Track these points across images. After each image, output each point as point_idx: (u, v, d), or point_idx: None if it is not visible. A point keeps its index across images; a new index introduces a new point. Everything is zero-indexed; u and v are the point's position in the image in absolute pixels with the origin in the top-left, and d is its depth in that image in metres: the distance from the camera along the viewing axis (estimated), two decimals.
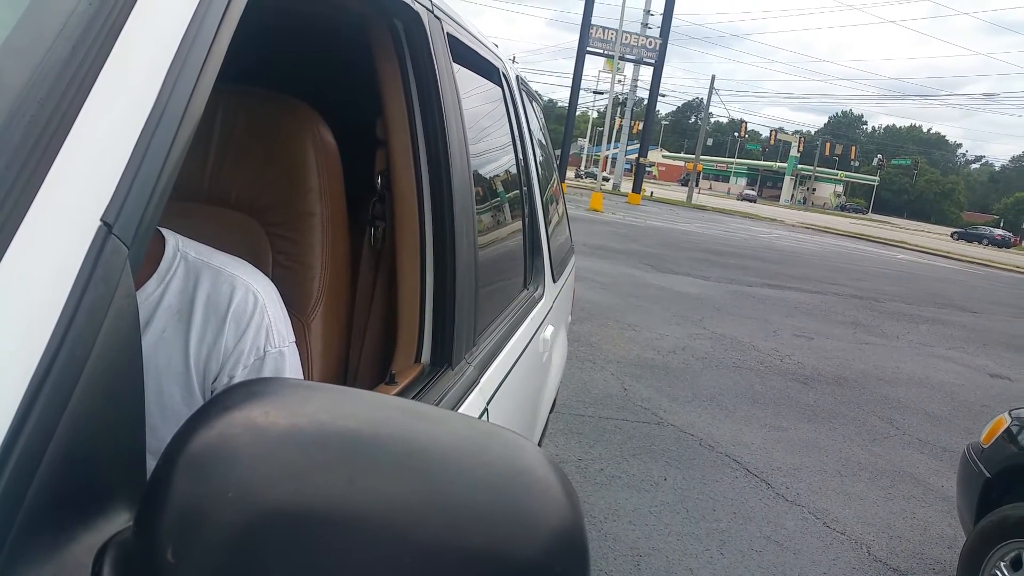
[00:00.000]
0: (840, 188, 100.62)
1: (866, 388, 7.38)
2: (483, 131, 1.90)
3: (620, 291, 10.77)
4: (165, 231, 1.15)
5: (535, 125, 2.79)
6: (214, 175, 1.37)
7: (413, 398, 1.14)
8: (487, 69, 2.01)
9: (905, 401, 7.11)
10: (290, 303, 1.39)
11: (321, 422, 0.52)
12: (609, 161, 61.74)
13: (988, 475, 3.30)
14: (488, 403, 1.39)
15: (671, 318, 9.35)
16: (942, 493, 4.89)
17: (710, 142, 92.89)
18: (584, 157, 70.65)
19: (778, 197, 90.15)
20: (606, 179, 53.72)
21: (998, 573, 3.06)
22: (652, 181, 78.66)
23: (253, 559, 0.47)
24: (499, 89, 2.13)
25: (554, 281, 2.48)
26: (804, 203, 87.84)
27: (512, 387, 1.67)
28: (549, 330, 2.24)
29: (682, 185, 67.85)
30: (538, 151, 2.58)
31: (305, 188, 1.38)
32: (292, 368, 1.20)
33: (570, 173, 55.09)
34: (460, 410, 1.24)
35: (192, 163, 1.35)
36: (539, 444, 2.97)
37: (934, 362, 9.24)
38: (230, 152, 1.37)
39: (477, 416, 1.33)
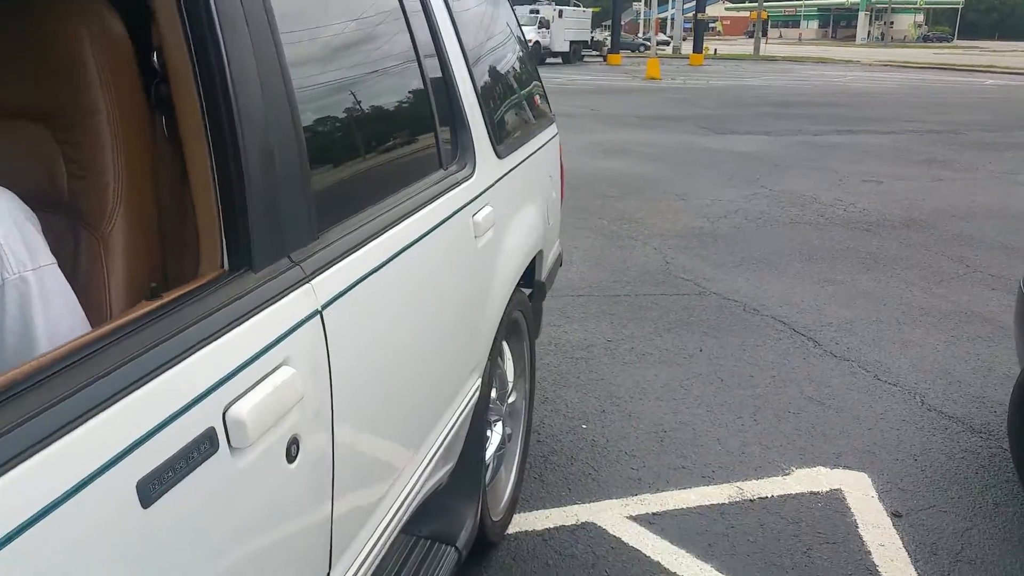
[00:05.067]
0: (920, 17, 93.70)
1: (936, 227, 6.89)
2: None
3: (671, 160, 10.32)
4: None
5: None
6: None
7: (180, 310, 0.98)
8: None
9: (979, 236, 6.61)
10: (86, 218, 1.23)
11: None
12: (669, 23, 58.94)
13: None
14: (325, 307, 1.21)
15: (725, 181, 8.91)
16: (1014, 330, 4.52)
17: None
18: (642, 22, 67.40)
19: (854, 37, 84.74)
20: (664, 43, 51.33)
21: None
22: (716, 38, 74.90)
23: None
24: None
25: (499, 157, 2.23)
26: (882, 39, 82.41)
27: (393, 281, 1.48)
28: (485, 212, 2.01)
29: (748, 38, 64.40)
30: (469, 16, 2.30)
31: (83, 82, 1.19)
32: (49, 294, 1.05)
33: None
34: (257, 320, 1.08)
35: None
36: (534, 336, 2.79)
37: (1016, 190, 8.58)
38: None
39: (298, 323, 1.16)
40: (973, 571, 2.51)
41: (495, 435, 2.46)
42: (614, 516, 2.74)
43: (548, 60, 34.69)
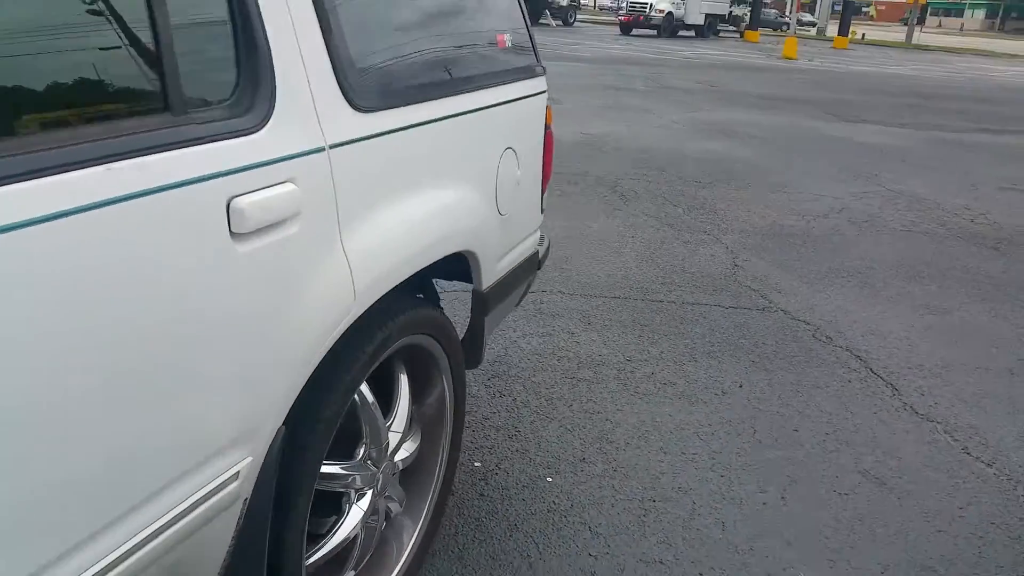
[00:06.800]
0: None
1: None
2: None
3: (779, 145, 9.20)
4: None
5: None
6: None
7: None
8: None
9: None
10: None
11: None
12: (817, 3, 55.70)
13: None
14: None
15: (836, 174, 7.80)
16: None
17: None
18: (790, 1, 63.73)
19: None
20: (810, 24, 48.32)
21: None
22: (867, 23, 70.26)
23: None
24: None
25: (358, 108, 1.45)
26: None
27: None
28: (276, 191, 1.24)
29: (903, 25, 59.93)
30: None
31: None
32: None
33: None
34: None
35: None
36: (463, 365, 2.05)
37: None
38: None
39: None
40: None
41: (355, 510, 1.73)
42: None
43: (680, 33, 33.07)
